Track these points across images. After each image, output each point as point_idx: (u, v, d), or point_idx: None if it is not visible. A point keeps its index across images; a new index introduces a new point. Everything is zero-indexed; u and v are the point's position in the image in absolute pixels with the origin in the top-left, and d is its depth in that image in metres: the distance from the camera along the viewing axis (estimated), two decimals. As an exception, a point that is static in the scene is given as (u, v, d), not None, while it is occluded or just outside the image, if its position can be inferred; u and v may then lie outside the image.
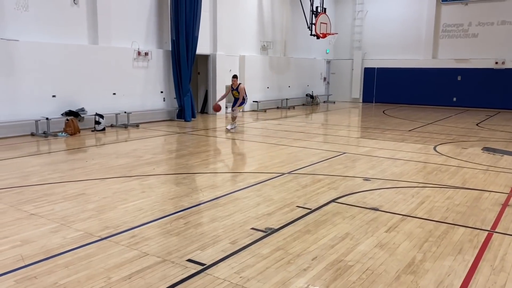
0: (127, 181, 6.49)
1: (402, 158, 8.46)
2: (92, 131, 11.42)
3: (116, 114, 12.34)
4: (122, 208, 5.22)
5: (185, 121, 13.96)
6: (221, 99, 12.63)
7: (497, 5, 18.99)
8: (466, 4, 19.70)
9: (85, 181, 6.45)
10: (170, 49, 13.87)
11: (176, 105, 14.22)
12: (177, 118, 14.23)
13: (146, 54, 13.24)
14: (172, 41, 13.73)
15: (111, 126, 12.27)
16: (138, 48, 13.02)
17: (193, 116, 14.46)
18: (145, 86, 13.46)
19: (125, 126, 12.34)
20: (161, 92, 14.01)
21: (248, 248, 4.07)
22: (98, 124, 11.49)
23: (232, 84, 12.17)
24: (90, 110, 11.60)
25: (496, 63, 19.07)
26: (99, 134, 11.13)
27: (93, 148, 9.61)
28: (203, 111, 16.63)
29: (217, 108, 12.28)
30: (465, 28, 19.88)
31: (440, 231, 4.60)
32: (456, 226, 4.76)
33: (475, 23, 19.59)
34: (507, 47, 18.83)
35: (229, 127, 12.17)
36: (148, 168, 7.39)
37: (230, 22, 16.22)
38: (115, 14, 12.36)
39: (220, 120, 14.73)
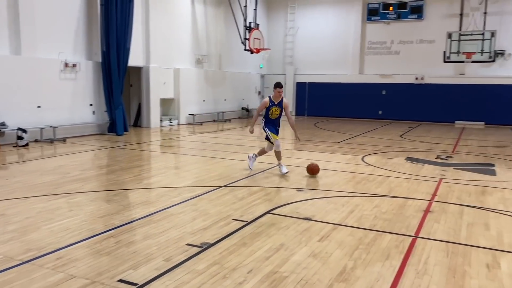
0: (52, 200, 6.11)
1: (332, 168, 8.78)
2: (14, 146, 10.66)
3: (41, 129, 11.63)
4: (46, 228, 4.90)
5: (117, 135, 13.49)
6: (254, 123, 8.68)
7: (416, 25, 20.53)
8: (388, 23, 21.08)
9: (5, 201, 5.98)
10: (101, 60, 13.39)
11: (107, 119, 13.71)
12: (108, 132, 13.72)
13: (74, 65, 12.67)
14: (103, 53, 13.27)
15: (36, 141, 11.53)
16: (66, 59, 12.43)
17: (125, 129, 14.01)
18: (73, 98, 12.84)
19: (51, 141, 11.66)
20: (91, 105, 13.45)
21: (183, 264, 3.99)
22: (21, 139, 10.75)
23: (271, 98, 8.16)
24: (12, 124, 10.83)
25: (416, 78, 20.53)
26: (22, 150, 10.41)
27: (15, 165, 8.97)
28: (136, 124, 16.19)
29: (316, 170, 8.00)
30: (388, 45, 21.24)
31: (369, 238, 4.81)
32: (384, 233, 5.01)
33: (397, 41, 21.02)
34: (426, 64, 20.36)
35: (283, 170, 8.17)
36: (76, 185, 7.03)
37: (163, 34, 16.03)
38: (40, 23, 11.73)
39: (155, 133, 14.41)
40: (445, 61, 18.89)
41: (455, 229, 5.17)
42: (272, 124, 8.41)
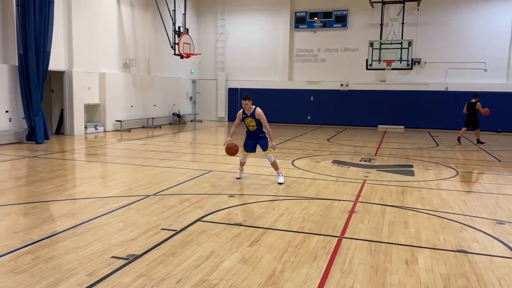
0: (-40, 216, 5.57)
1: (264, 173, 8.89)
2: None
3: None
4: (-48, 248, 4.45)
5: (37, 143, 12.63)
6: (233, 133, 8.41)
7: (340, 34, 21.50)
8: (315, 31, 21.87)
9: None
10: (17, 64, 12.49)
11: (26, 126, 12.80)
12: (27, 140, 12.81)
13: (-13, 69, 11.70)
14: (20, 56, 12.40)
15: None
16: (-24, 62, 11.45)
17: (46, 137, 13.17)
18: (-14, 105, 11.84)
19: (-40, 151, 10.65)
20: (7, 111, 12.48)
21: (108, 278, 3.80)
22: None
23: (244, 108, 8.11)
24: None
25: (342, 85, 21.48)
26: None
27: None
28: (59, 132, 15.28)
29: (232, 151, 8.08)
30: (315, 53, 22.02)
31: (298, 240, 4.91)
32: (312, 234, 5.14)
33: (323, 49, 21.86)
34: (350, 71, 21.37)
35: (280, 180, 8.03)
36: (-11, 198, 6.46)
37: (87, 37, 15.32)
38: None
39: (79, 141, 13.69)
40: (367, 69, 19.97)
41: (377, 228, 5.44)
42: (249, 137, 8.37)
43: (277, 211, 6.12)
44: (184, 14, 19.44)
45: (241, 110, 8.20)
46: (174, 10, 18.69)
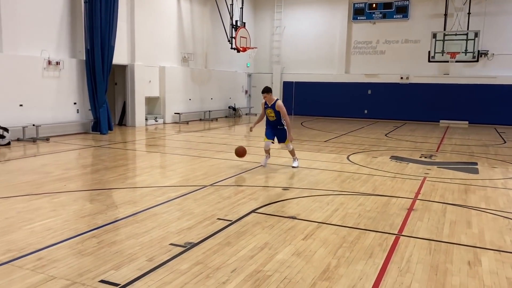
0: (34, 200, 6.01)
1: (318, 167, 8.81)
2: (-5, 145, 10.48)
3: (24, 127, 11.44)
4: (27, 228, 4.81)
5: (101, 134, 13.34)
6: (257, 122, 9.06)
7: (401, 25, 20.71)
8: (374, 23, 21.23)
9: (-15, 201, 5.86)
10: (84, 58, 13.23)
11: (91, 117, 13.55)
12: (92, 131, 13.56)
13: (58, 63, 12.49)
14: (87, 50, 13.11)
15: (18, 140, 11.34)
16: (49, 57, 12.24)
17: (110, 128, 13.87)
18: (57, 97, 12.66)
19: (34, 140, 11.47)
20: (75, 103, 13.27)
21: (166, 264, 3.95)
22: (2, 138, 10.56)
23: (265, 100, 8.61)
24: (-7, 123, 10.64)
25: (401, 78, 20.73)
26: (3, 149, 10.22)
27: (-4, 164, 8.81)
28: (121, 123, 16.03)
29: (241, 153, 8.72)
30: (373, 45, 21.39)
31: (353, 236, 4.83)
32: (367, 231, 5.03)
33: (382, 41, 21.18)
34: (411, 63, 20.56)
35: (295, 164, 8.73)
36: (59, 184, 6.92)
37: (149, 32, 15.90)
38: (22, 20, 11.53)
39: (140, 132, 14.28)
40: (429, 61, 19.12)
41: (438, 227, 5.22)
42: (269, 126, 8.81)
43: (332, 206, 6.05)
44: (242, 8, 19.59)
45: (264, 101, 8.67)
46: (232, 4, 18.88)
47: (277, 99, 8.56)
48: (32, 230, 4.77)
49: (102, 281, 3.58)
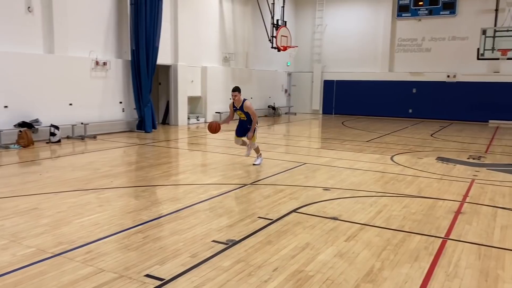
0: (83, 195, 6.27)
1: (360, 168, 8.65)
2: (46, 143, 10.99)
3: (73, 125, 11.95)
4: (77, 222, 5.02)
5: (146, 132, 13.71)
6: (224, 122, 9.09)
7: (448, 22, 19.98)
8: (420, 20, 20.60)
9: (38, 195, 6.17)
10: (130, 59, 13.64)
11: (136, 116, 13.95)
12: (137, 129, 13.96)
13: (105, 63, 12.95)
14: (132, 51, 13.51)
15: (67, 137, 11.86)
16: (96, 58, 12.72)
17: (154, 127, 14.23)
18: (103, 96, 13.13)
19: (82, 138, 11.96)
20: (120, 102, 13.71)
21: (209, 261, 4.01)
22: (53, 135, 11.08)
23: (233, 101, 8.49)
24: (45, 121, 11.17)
25: (448, 76, 19.99)
26: (54, 146, 10.72)
27: (48, 160, 9.24)
28: (165, 122, 16.41)
29: (214, 128, 8.51)
30: (418, 42, 20.76)
31: (398, 239, 4.71)
32: (413, 234, 4.89)
33: (428, 38, 20.51)
34: (458, 61, 19.79)
35: (257, 162, 8.72)
36: (106, 181, 7.18)
37: (191, 32, 16.18)
38: (72, 23, 12.04)
39: (182, 131, 14.57)
40: (478, 58, 18.29)
41: (487, 232, 5.00)
42: (240, 124, 8.89)
43: (375, 207, 5.92)
44: (283, 7, 19.55)
45: (232, 102, 8.45)
46: (273, 4, 18.89)
47: (244, 100, 8.38)
48: (82, 224, 4.97)
49: (148, 276, 3.68)
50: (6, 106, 10.51)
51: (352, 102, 22.09)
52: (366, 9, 21.76)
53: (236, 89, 8.34)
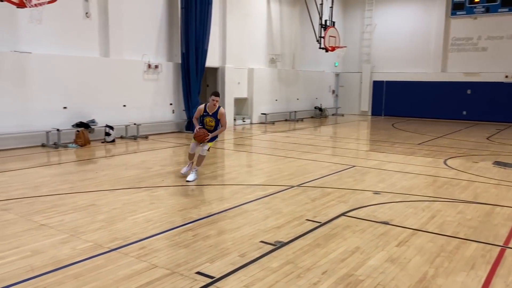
0: (136, 193, 6.50)
1: (412, 171, 8.39)
2: (102, 142, 11.50)
3: (126, 126, 12.43)
4: (131, 219, 5.23)
5: (193, 132, 13.97)
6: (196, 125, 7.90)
7: (506, 20, 18.96)
8: (475, 18, 19.69)
9: (95, 192, 6.47)
10: (180, 62, 14.00)
11: (185, 117, 14.29)
12: (186, 130, 14.29)
13: (156, 66, 13.37)
14: (182, 54, 13.85)
15: (121, 137, 12.35)
16: (149, 61, 13.16)
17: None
18: (155, 98, 13.56)
19: (135, 138, 12.41)
20: (171, 104, 14.10)
21: (258, 261, 4.04)
22: (108, 135, 11.57)
23: (206, 106, 7.61)
24: (101, 121, 11.69)
25: (506, 76, 18.96)
26: (109, 146, 11.20)
27: (103, 159, 9.67)
28: (212, 123, 16.66)
29: (200, 137, 7.59)
30: (474, 41, 19.84)
31: (452, 246, 4.53)
32: (468, 241, 4.69)
33: (485, 37, 19.56)
34: (517, 60, 18.74)
35: (187, 173, 7.56)
36: (157, 179, 7.41)
37: (239, 35, 16.35)
38: (127, 27, 12.53)
39: (229, 132, 14.76)
40: (540, 57, 17.25)
41: (552, 242, 4.70)
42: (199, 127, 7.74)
43: (428, 212, 5.73)
44: (331, 7, 19.35)
45: (203, 106, 7.64)
46: (322, 4, 18.73)
47: (219, 107, 7.57)
48: (135, 221, 5.16)
49: (198, 273, 3.76)
50: (65, 107, 11.10)
51: (403, 104, 21.46)
52: (417, 8, 21.08)
53: (218, 95, 7.63)
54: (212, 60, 15.12)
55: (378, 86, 22.32)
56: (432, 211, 5.77)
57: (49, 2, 9.16)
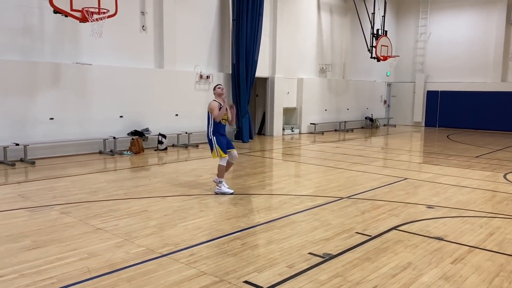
0: (186, 200, 6.66)
1: (468, 185, 8.01)
2: (155, 150, 11.91)
3: (178, 134, 12.79)
4: (181, 226, 5.35)
5: (243, 142, 14.17)
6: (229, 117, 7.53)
7: None
8: (540, 24, 18.60)
9: (148, 198, 6.70)
10: (231, 72, 14.25)
11: (235, 127, 14.49)
12: (235, 139, 14.48)
13: (208, 77, 13.70)
14: (233, 65, 14.11)
15: (173, 145, 12.72)
16: (201, 72, 13.51)
17: (251, 137, 14.66)
18: (206, 108, 13.79)
19: (186, 146, 12.74)
20: (220, 113, 14.34)
21: (306, 273, 4.00)
22: (161, 143, 11.96)
23: (220, 99, 7.38)
24: (154, 130, 12.12)
25: None
26: (161, 153, 11.57)
27: (156, 166, 9.99)
28: (260, 132, 16.81)
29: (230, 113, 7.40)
30: (538, 49, 18.72)
31: (513, 266, 4.27)
32: (532, 261, 4.40)
33: (550, 44, 18.42)
34: None
35: (224, 189, 7.12)
36: (207, 187, 7.55)
37: (289, 45, 16.42)
38: (180, 39, 12.96)
39: (277, 141, 14.79)
40: None
41: None
42: (222, 132, 7.31)
43: (486, 229, 5.43)
44: (384, 16, 18.99)
45: (215, 102, 7.26)
46: (374, 13, 18.42)
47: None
48: (186, 228, 5.28)
49: (246, 282, 3.78)
50: (121, 116, 11.61)
51: (459, 114, 20.57)
52: (475, 15, 20.22)
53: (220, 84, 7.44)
54: (262, 70, 15.27)
55: (432, 96, 21.56)
56: (491, 228, 5.47)
57: (109, 17, 9.68)
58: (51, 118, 10.31)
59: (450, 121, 20.87)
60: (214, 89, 7.50)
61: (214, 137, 7.17)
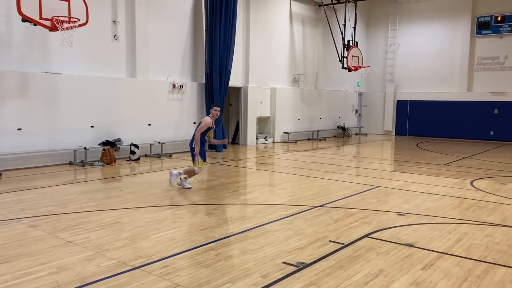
0: (159, 211, 6.58)
1: (437, 193, 8.23)
2: (127, 160, 11.73)
3: (151, 144, 12.65)
4: (154, 237, 5.28)
5: (216, 151, 14.14)
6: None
7: (535, 38, 18.63)
8: (502, 37, 19.42)
9: (120, 210, 6.58)
10: (204, 82, 14.24)
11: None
12: (209, 148, 14.40)
13: (181, 86, 13.64)
14: (206, 74, 14.11)
15: (145, 155, 12.56)
16: (174, 81, 13.44)
17: (224, 147, 14.64)
18: (179, 117, 13.79)
19: (159, 156, 12.60)
20: (194, 123, 14.27)
21: (280, 282, 4.02)
22: (133, 153, 11.80)
23: (211, 116, 8.25)
24: (126, 140, 11.94)
25: (535, 96, 18.53)
26: (134, 164, 11.40)
27: (128, 177, 9.84)
28: (234, 141, 16.82)
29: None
30: (501, 61, 19.52)
31: (480, 270, 4.40)
32: (497, 265, 4.55)
33: (511, 55, 19.23)
34: (547, 79, 18.30)
35: (186, 185, 8.23)
36: (180, 198, 7.48)
37: (262, 55, 16.58)
38: (153, 49, 12.88)
39: (251, 150, 14.82)
40: None
41: None
42: (204, 144, 8.44)
43: (454, 235, 5.59)
44: (354, 27, 19.43)
45: (210, 119, 8.25)
46: (344, 24, 18.84)
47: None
48: (159, 239, 5.21)
49: (220, 293, 3.76)
50: (92, 126, 11.40)
51: (428, 123, 21.17)
52: (442, 27, 20.94)
53: (219, 104, 8.52)
54: (235, 79, 15.33)
55: (402, 106, 22.12)
56: (459, 234, 5.63)
57: (80, 26, 9.54)
58: (19, 129, 10.02)
59: (420, 130, 21.44)
60: (212, 107, 8.34)
61: (201, 151, 8.14)
